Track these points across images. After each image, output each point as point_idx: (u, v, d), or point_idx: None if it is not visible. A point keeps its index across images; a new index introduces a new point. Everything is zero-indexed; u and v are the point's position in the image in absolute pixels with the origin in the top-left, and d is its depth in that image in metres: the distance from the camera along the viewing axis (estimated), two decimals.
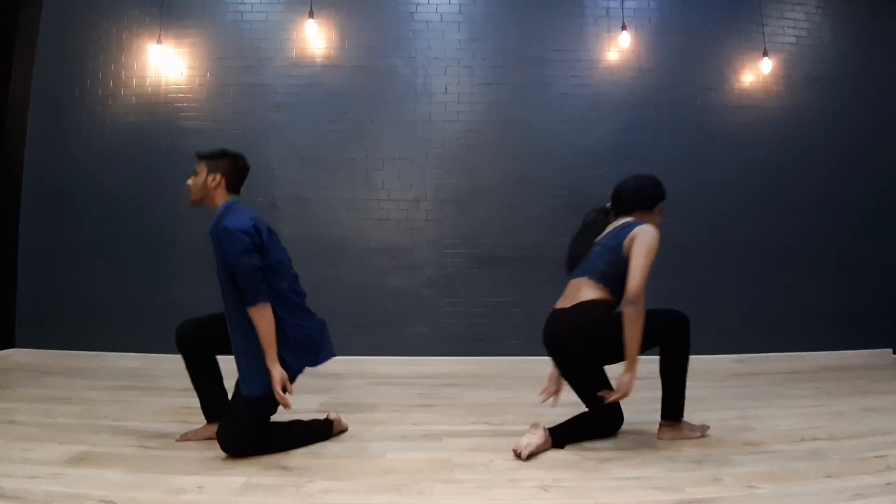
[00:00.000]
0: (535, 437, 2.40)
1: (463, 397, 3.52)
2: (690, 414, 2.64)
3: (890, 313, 5.06)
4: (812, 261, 4.98)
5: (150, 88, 4.80)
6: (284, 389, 2.31)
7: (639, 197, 2.65)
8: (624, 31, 4.84)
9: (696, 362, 2.56)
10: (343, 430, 2.71)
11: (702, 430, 2.64)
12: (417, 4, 4.90)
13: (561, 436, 2.49)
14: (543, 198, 4.75)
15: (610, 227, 2.64)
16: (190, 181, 2.49)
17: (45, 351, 4.54)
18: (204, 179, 2.46)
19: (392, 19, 4.88)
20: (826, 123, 5.11)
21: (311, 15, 4.68)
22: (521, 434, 2.58)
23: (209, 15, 4.86)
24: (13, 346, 4.56)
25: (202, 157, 2.50)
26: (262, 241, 2.35)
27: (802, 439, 2.59)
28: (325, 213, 4.68)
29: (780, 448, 2.46)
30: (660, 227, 2.58)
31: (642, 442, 2.59)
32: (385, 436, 2.62)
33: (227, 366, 2.52)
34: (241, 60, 4.84)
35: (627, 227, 2.50)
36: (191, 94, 4.80)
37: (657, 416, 2.68)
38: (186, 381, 3.70)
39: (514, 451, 2.38)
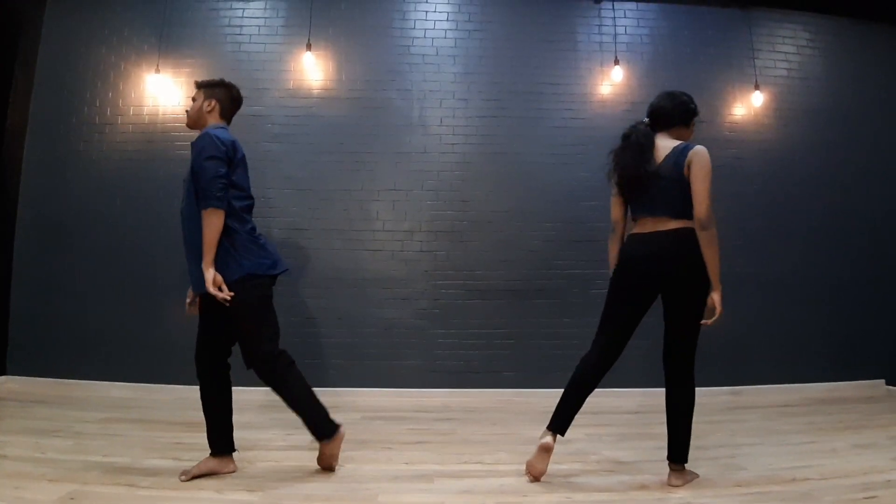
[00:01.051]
0: (546, 458, 2.56)
1: (456, 433, 3.51)
2: None
3: (883, 344, 5.08)
4: (805, 292, 5.01)
5: (147, 117, 4.83)
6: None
7: (677, 112, 2.66)
8: (616, 66, 4.92)
9: None
10: (329, 467, 2.67)
11: (696, 476, 2.64)
12: (413, 38, 4.97)
13: (564, 425, 2.59)
14: (537, 230, 4.78)
15: (660, 154, 2.56)
16: (187, 107, 2.70)
17: (36, 379, 4.49)
18: (200, 105, 2.64)
19: (388, 52, 4.95)
20: (818, 156, 5.17)
21: (308, 47, 4.74)
22: (514, 474, 2.62)
23: (207, 45, 4.91)
24: (4, 374, 4.52)
25: (201, 85, 2.71)
26: (234, 158, 2.52)
27: (794, 479, 2.60)
28: (320, 244, 4.69)
29: (771, 489, 2.47)
30: None
31: (632, 483, 2.59)
32: (377, 476, 2.61)
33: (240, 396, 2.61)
34: (239, 90, 4.87)
35: (681, 154, 2.50)
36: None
37: (641, 455, 2.68)
38: (177, 414, 3.75)
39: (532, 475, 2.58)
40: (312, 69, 4.89)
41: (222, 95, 2.71)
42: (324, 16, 4.91)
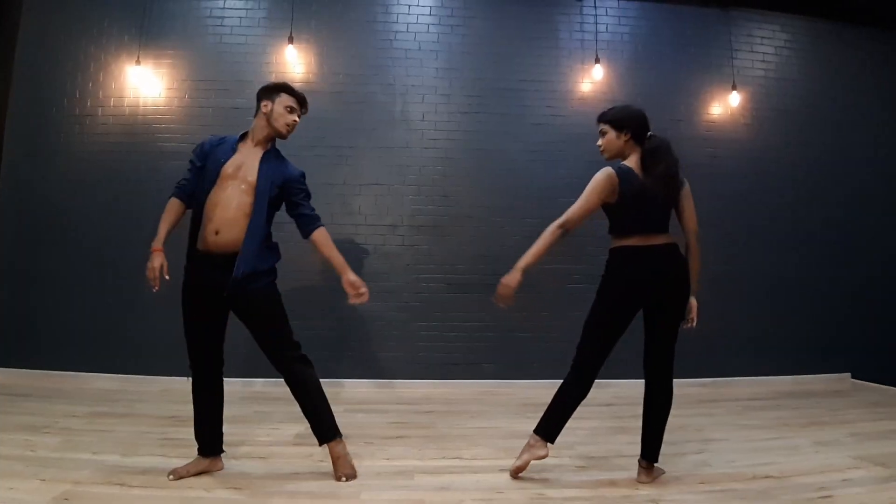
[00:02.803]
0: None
1: (436, 427, 3.62)
2: None
3: (849, 338, 5.28)
4: (776, 287, 5.19)
5: (128, 109, 4.82)
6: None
7: None
8: (597, 64, 5.00)
9: None
10: (348, 470, 2.67)
11: (662, 473, 2.77)
12: (396, 32, 5.00)
13: (556, 434, 2.69)
14: (517, 226, 4.88)
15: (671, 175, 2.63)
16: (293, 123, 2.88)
17: (20, 371, 4.51)
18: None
19: (371, 47, 4.98)
20: (792, 156, 5.33)
21: (290, 40, 4.76)
22: (491, 470, 2.77)
23: (189, 37, 4.91)
24: None
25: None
26: None
27: (754, 477, 2.74)
28: (302, 238, 4.73)
29: (732, 486, 2.61)
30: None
31: (603, 480, 2.71)
32: (360, 472, 2.69)
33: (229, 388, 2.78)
34: (220, 83, 4.88)
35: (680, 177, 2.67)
36: (169, 116, 4.83)
37: (613, 449, 2.80)
38: (163, 408, 3.81)
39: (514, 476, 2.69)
40: (294, 62, 4.92)
41: None
42: (306, 9, 4.93)
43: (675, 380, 2.72)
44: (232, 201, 2.57)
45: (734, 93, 5.18)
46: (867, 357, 5.27)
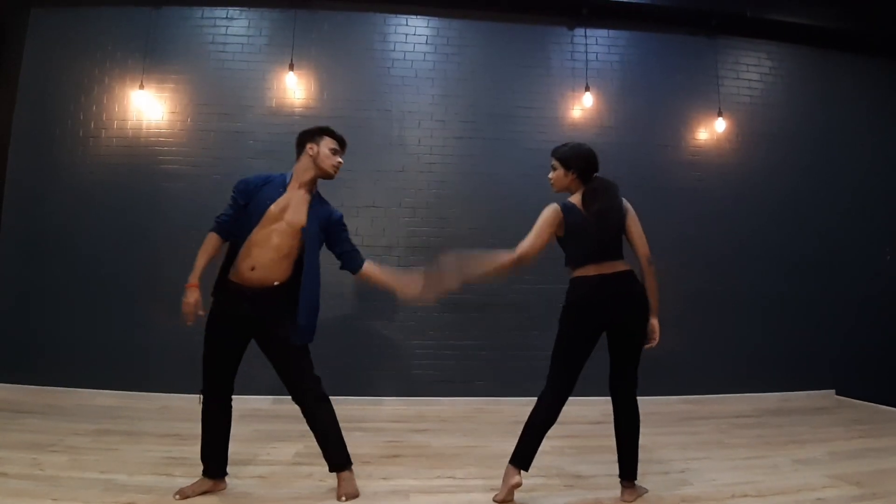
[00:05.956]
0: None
1: (430, 446, 3.73)
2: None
3: (834, 356, 5.43)
4: (762, 306, 5.35)
5: (130, 131, 4.96)
6: None
7: None
8: (588, 91, 5.16)
9: (650, 403, 2.78)
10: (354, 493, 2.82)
11: (645, 491, 2.90)
12: (394, 60, 5.16)
13: (529, 462, 2.79)
14: (508, 247, 4.98)
15: (605, 212, 2.80)
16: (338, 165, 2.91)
17: (21, 386, 4.61)
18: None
19: (369, 74, 5.14)
20: (775, 179, 5.50)
21: (291, 67, 4.91)
22: (482, 489, 2.89)
23: (191, 61, 5.05)
24: None
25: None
26: None
27: (733, 496, 2.87)
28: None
29: None
30: None
31: (588, 500, 2.83)
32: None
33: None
34: (222, 107, 5.03)
35: (621, 212, 2.83)
36: (171, 139, 4.96)
37: (599, 469, 2.94)
38: (164, 426, 3.91)
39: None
40: (295, 88, 5.07)
41: None
42: (306, 36, 5.08)
43: (660, 397, 2.88)
44: (272, 241, 2.69)
45: (720, 118, 5.35)
46: (851, 374, 5.43)
